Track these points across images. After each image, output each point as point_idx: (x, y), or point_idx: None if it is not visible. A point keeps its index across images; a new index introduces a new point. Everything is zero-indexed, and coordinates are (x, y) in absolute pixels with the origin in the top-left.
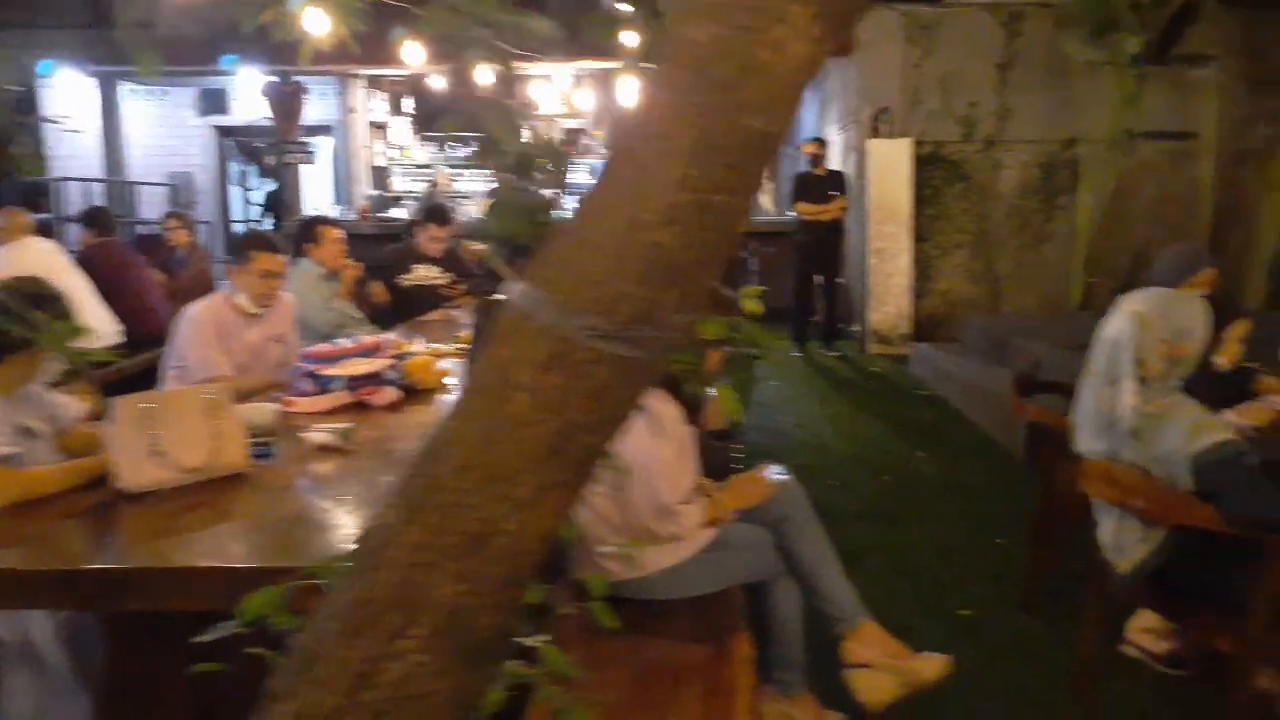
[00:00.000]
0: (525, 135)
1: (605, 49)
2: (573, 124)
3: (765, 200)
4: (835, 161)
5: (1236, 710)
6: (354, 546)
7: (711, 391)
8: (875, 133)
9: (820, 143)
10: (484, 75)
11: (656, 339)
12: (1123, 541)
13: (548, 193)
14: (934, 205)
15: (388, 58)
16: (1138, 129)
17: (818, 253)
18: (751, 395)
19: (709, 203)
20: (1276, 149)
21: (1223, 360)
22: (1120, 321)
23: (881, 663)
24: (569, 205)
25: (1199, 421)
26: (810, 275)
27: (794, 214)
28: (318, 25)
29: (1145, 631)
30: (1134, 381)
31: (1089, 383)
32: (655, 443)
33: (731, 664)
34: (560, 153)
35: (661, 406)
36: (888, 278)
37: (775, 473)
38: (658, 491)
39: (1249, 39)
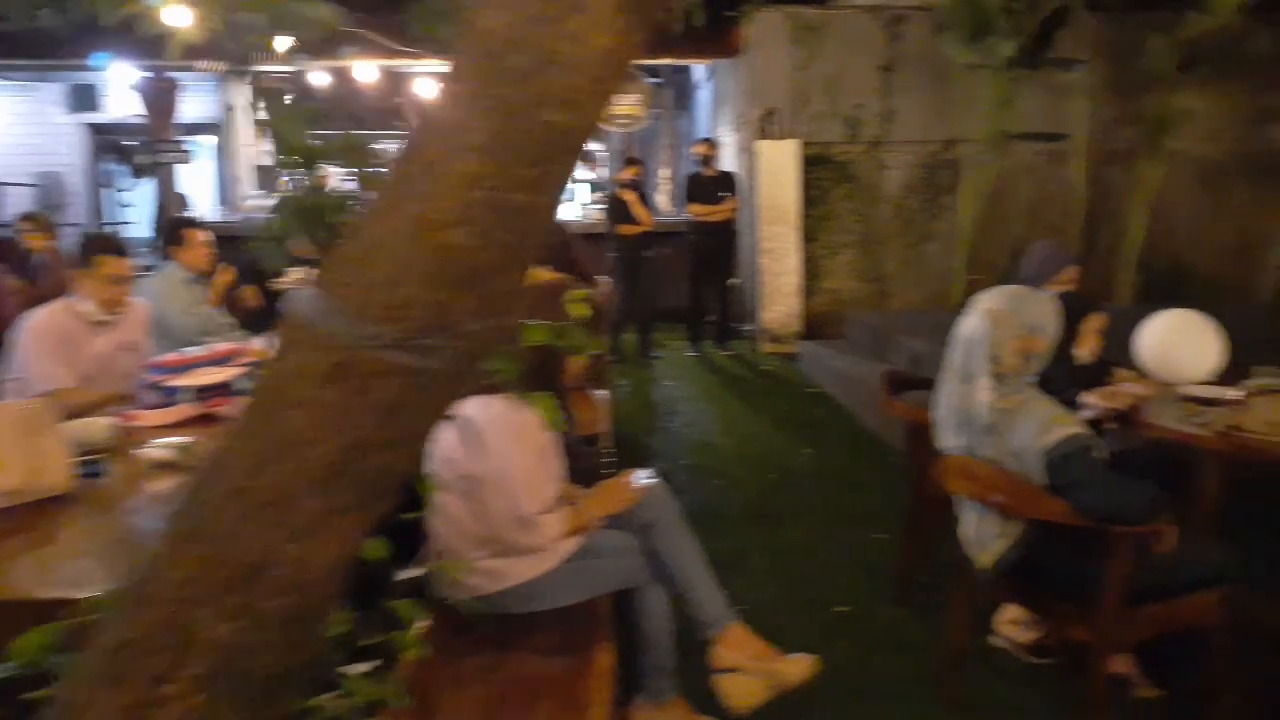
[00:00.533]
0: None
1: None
2: None
3: (663, 201)
4: (729, 162)
5: (1092, 696)
6: (121, 582)
7: (601, 395)
8: (764, 134)
9: (710, 144)
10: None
11: (452, 347)
12: (983, 536)
13: (345, 191)
14: (822, 206)
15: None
16: (1013, 130)
17: (710, 253)
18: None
19: (507, 201)
20: (1142, 150)
21: (1082, 352)
22: (975, 319)
23: (749, 666)
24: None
25: (1050, 416)
26: (704, 276)
27: (688, 215)
28: (180, 19)
29: (1011, 623)
30: (989, 378)
31: (947, 380)
32: (515, 450)
33: (590, 677)
34: (361, 147)
35: (521, 413)
36: (778, 277)
37: (642, 477)
38: (517, 501)
39: (1115, 43)
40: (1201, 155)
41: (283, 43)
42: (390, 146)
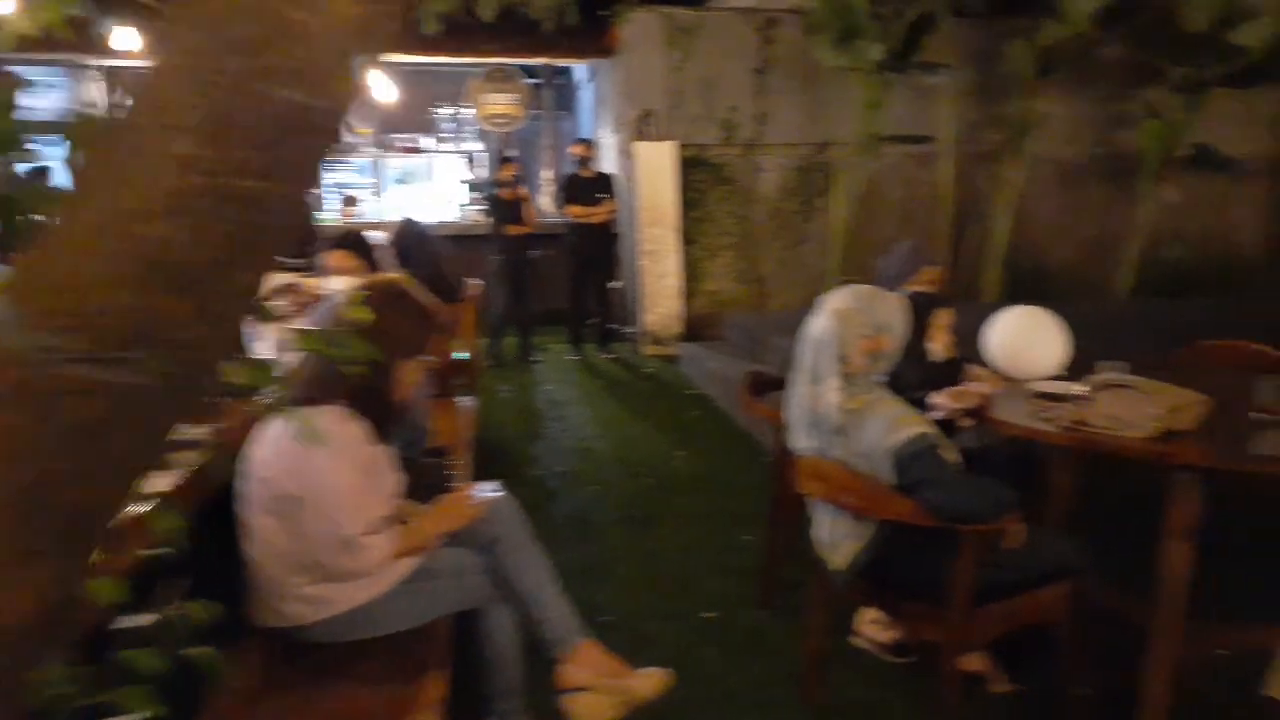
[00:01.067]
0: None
1: None
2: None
3: (545, 202)
4: (610, 164)
5: (944, 694)
6: None
7: (466, 403)
8: (641, 136)
9: (586, 144)
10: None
11: (162, 359)
12: (835, 538)
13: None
14: (701, 207)
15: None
16: (883, 133)
17: (589, 255)
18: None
19: (230, 189)
20: (1004, 152)
21: (935, 348)
22: (823, 320)
23: (599, 684)
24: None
25: (898, 416)
26: (583, 278)
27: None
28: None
29: (872, 623)
30: (837, 378)
31: (797, 381)
32: (334, 468)
33: (419, 708)
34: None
35: (341, 425)
36: (659, 279)
37: (485, 490)
38: (338, 522)
39: (979, 49)
40: (1061, 157)
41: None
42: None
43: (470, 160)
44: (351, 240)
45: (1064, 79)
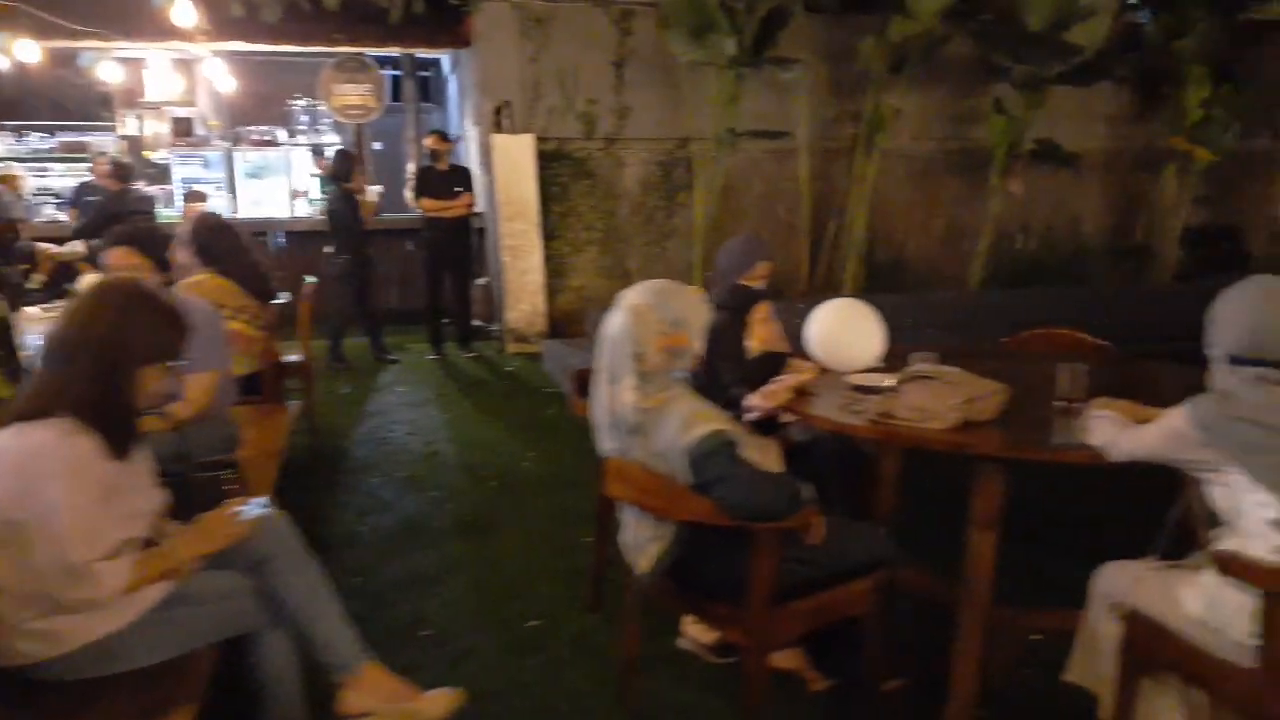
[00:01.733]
0: None
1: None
2: (181, 112)
3: (409, 197)
4: (470, 157)
5: (749, 696)
6: None
7: (294, 408)
8: (498, 128)
9: (440, 136)
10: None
11: None
12: (639, 540)
13: None
14: (563, 202)
15: None
16: (741, 128)
17: (445, 251)
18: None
19: None
20: (859, 147)
21: (753, 344)
22: (619, 317)
23: (383, 709)
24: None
25: (692, 413)
26: (440, 274)
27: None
28: None
29: (696, 624)
30: (633, 377)
31: (598, 381)
32: (59, 487)
33: None
34: None
35: (66, 440)
36: (522, 275)
37: (253, 507)
38: (62, 549)
39: (832, 44)
40: (915, 152)
41: None
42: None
43: (319, 154)
44: (134, 236)
45: (916, 75)
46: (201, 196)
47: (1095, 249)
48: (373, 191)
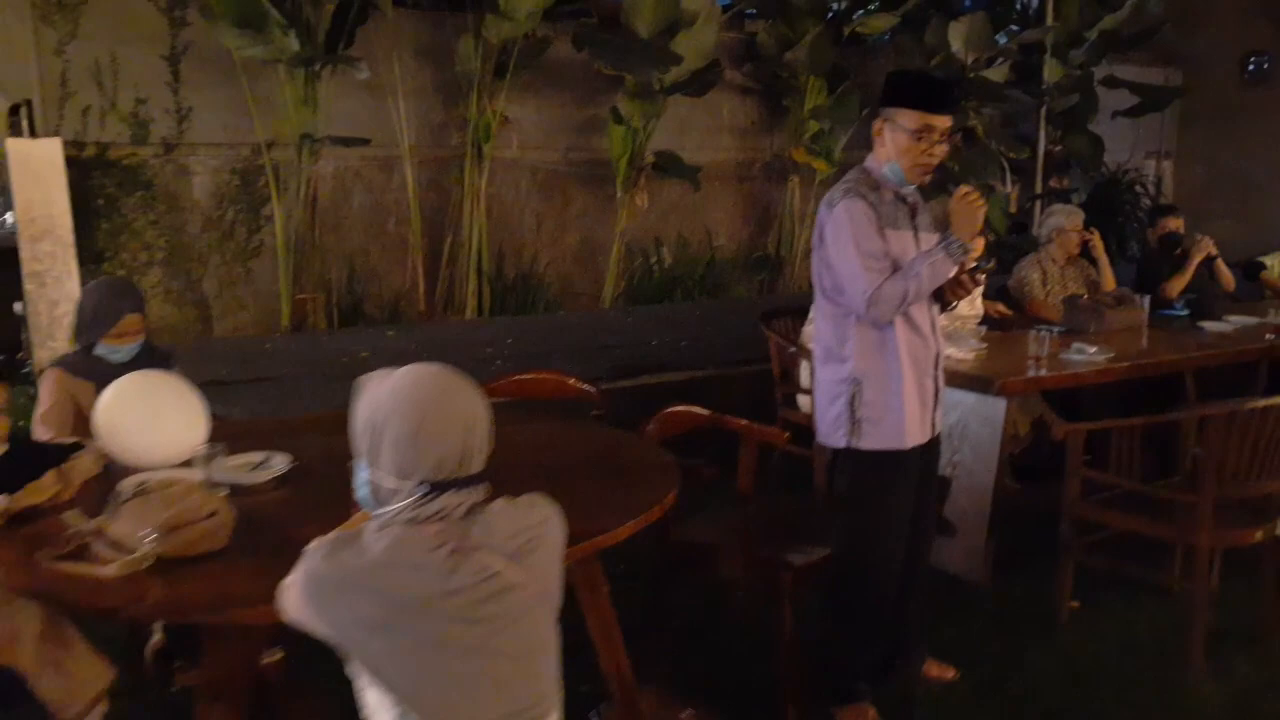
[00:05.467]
0: None
1: None
2: None
3: None
4: None
5: None
6: None
7: None
8: (16, 131)
9: None
10: None
11: None
12: None
13: None
14: (111, 218)
15: None
16: (329, 132)
17: None
18: None
19: None
20: (468, 156)
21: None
22: None
23: None
24: None
25: None
26: None
27: None
28: None
29: None
30: None
31: None
32: None
33: None
34: None
35: None
36: (54, 306)
37: None
38: None
39: (431, 44)
40: (539, 162)
41: None
42: None
43: None
44: None
45: (530, 80)
46: None
47: (730, 262)
48: None
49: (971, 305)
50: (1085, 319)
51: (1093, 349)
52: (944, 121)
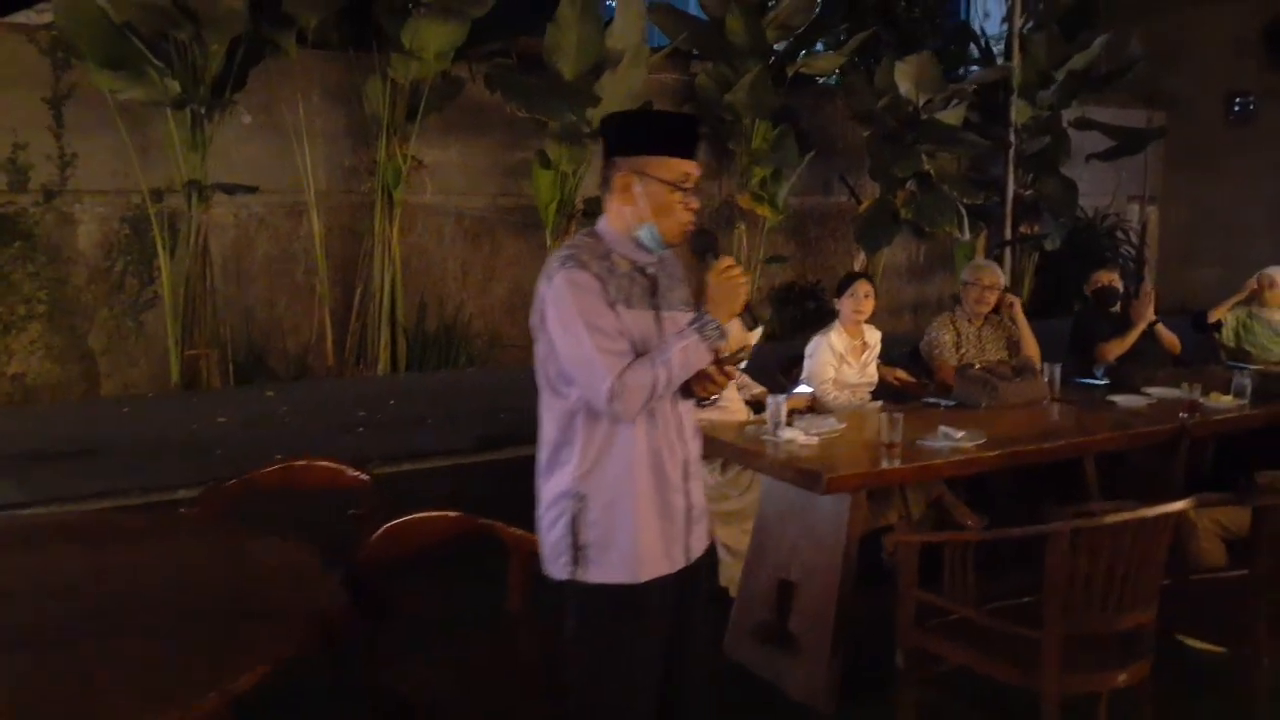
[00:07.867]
0: None
1: None
2: None
3: None
4: None
5: None
6: None
7: None
8: None
9: None
10: None
11: None
12: None
13: None
14: None
15: None
16: (217, 179)
17: None
18: None
19: None
20: (379, 201)
21: None
22: None
23: None
24: None
25: None
26: None
27: None
28: None
29: None
30: None
31: None
32: None
33: None
34: None
35: None
36: None
37: None
38: None
39: (343, 85)
40: (463, 208)
41: None
42: None
43: None
44: None
45: (456, 123)
46: None
47: None
48: None
49: (863, 372)
50: (975, 392)
51: (960, 434)
52: (698, 168)
